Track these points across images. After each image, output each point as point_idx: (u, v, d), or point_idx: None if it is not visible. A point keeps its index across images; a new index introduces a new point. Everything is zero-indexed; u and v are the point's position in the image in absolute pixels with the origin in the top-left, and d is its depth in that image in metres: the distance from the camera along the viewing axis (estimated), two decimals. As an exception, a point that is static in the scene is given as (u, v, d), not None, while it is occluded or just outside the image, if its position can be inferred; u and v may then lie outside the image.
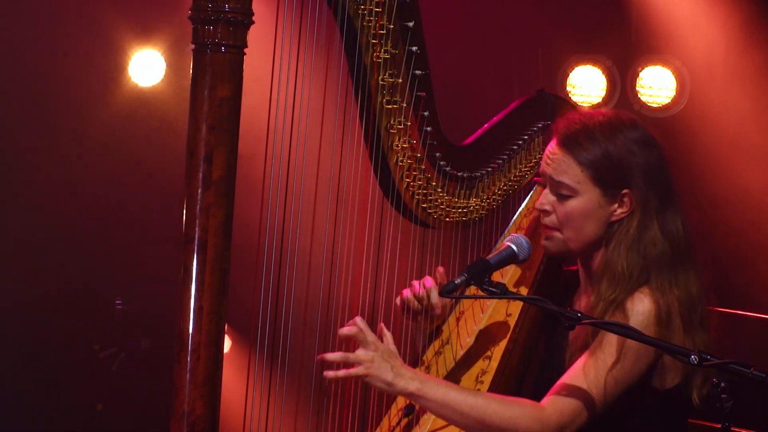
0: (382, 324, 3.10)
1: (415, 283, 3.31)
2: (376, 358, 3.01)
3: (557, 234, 3.21)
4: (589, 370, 3.05)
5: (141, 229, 6.28)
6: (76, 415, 6.24)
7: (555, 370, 3.20)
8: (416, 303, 3.30)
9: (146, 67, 6.29)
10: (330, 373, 3.01)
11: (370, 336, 3.04)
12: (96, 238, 6.25)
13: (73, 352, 6.23)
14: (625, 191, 3.17)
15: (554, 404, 3.03)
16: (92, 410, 6.26)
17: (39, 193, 6.17)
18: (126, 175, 6.31)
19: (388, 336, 3.11)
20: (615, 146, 3.16)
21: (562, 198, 3.19)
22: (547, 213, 3.21)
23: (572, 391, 3.04)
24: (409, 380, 3.02)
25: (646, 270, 3.13)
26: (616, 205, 3.18)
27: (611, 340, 3.04)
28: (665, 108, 6.39)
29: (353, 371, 3.01)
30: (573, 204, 3.18)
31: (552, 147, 3.21)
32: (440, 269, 3.31)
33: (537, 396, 3.21)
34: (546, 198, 3.21)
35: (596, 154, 3.16)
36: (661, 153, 3.21)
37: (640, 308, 3.09)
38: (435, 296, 3.29)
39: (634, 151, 3.16)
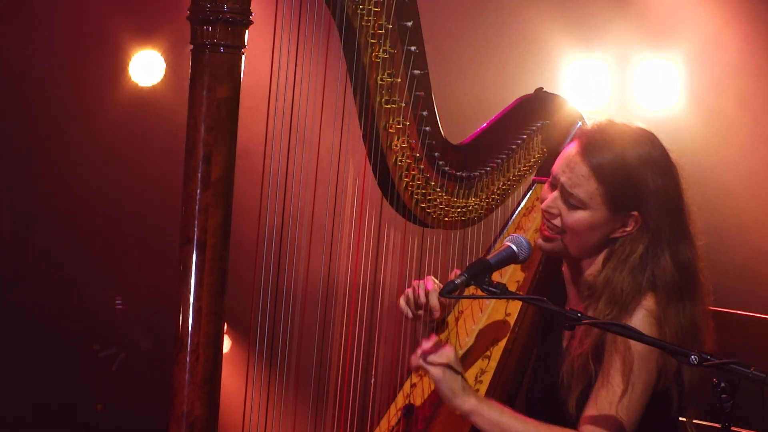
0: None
1: (415, 283, 3.31)
2: (454, 366, 3.07)
3: (557, 238, 3.21)
4: (614, 398, 3.04)
5: (141, 229, 6.28)
6: (76, 415, 6.24)
7: (549, 376, 3.20)
8: (413, 310, 3.31)
9: (146, 67, 6.29)
10: (418, 362, 3.06)
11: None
12: (96, 238, 6.26)
13: (73, 352, 6.24)
14: (634, 213, 3.15)
15: None
16: (92, 410, 6.26)
17: (39, 192, 6.18)
18: (126, 174, 6.31)
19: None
20: (635, 167, 3.13)
21: (570, 207, 3.17)
22: (552, 216, 3.20)
23: (604, 421, 3.03)
24: (471, 395, 3.07)
25: (652, 293, 3.13)
26: (621, 224, 3.17)
27: (618, 367, 3.05)
28: (665, 108, 6.39)
29: (432, 369, 3.06)
30: (580, 215, 3.17)
31: (572, 154, 3.18)
32: (457, 272, 3.30)
33: (529, 398, 3.22)
34: (555, 203, 3.19)
35: (615, 173, 3.13)
36: (679, 181, 3.18)
37: (640, 313, 3.10)
38: (434, 299, 3.29)
39: (653, 177, 3.14)
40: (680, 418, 3.23)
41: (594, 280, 3.18)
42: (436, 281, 3.31)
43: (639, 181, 3.14)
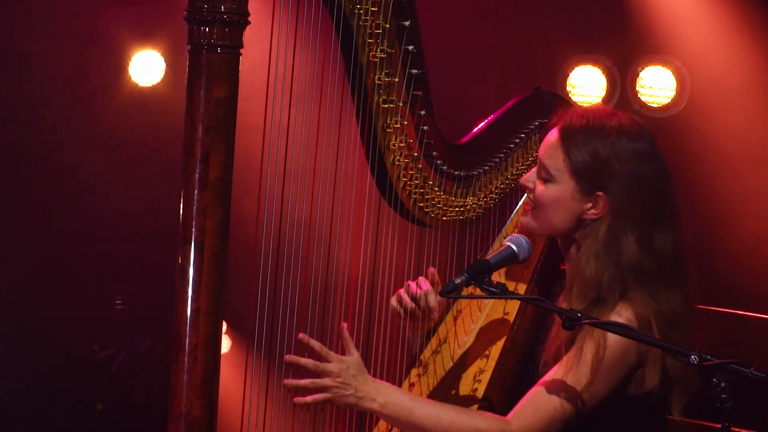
0: (344, 324, 3.07)
1: (410, 283, 3.31)
2: (339, 384, 3.01)
3: (532, 212, 3.21)
4: (561, 384, 3.03)
5: (141, 229, 6.28)
6: (76, 415, 6.24)
7: (535, 369, 3.20)
8: (412, 304, 3.30)
9: (146, 67, 6.29)
10: (299, 399, 3.01)
11: (332, 356, 3.03)
12: (96, 237, 6.25)
13: (73, 352, 6.23)
14: (599, 193, 3.15)
15: (521, 419, 3.03)
16: (92, 410, 6.26)
17: (38, 192, 6.17)
18: (126, 174, 6.31)
19: (348, 341, 3.07)
20: (605, 148, 3.13)
21: (542, 180, 3.19)
22: (529, 190, 3.23)
23: (541, 405, 3.03)
24: (371, 400, 3.03)
25: (621, 282, 3.09)
26: (590, 205, 3.16)
27: (587, 354, 3.03)
28: (665, 108, 6.39)
29: (319, 397, 3.02)
30: (548, 189, 3.18)
31: (553, 131, 3.22)
32: (432, 270, 3.31)
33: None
34: (531, 176, 3.22)
35: (582, 149, 3.14)
36: (662, 168, 3.17)
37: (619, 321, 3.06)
38: (432, 299, 3.30)
39: (625, 159, 3.13)
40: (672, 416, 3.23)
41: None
42: (427, 280, 3.32)
43: (608, 161, 3.13)
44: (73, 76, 6.16)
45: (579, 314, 2.88)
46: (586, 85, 6.48)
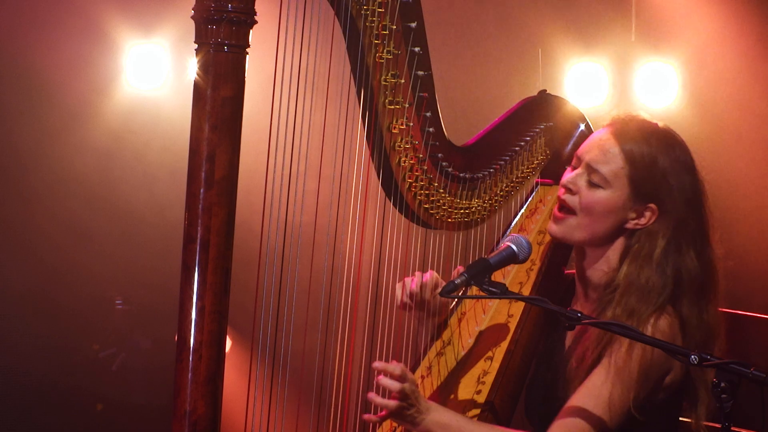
0: (398, 363, 3.08)
1: (418, 273, 3.31)
2: (407, 403, 3.02)
3: (570, 218, 3.20)
4: (596, 395, 3.03)
5: (141, 229, 6.28)
6: (76, 415, 6.23)
7: (550, 371, 3.20)
8: (405, 300, 3.29)
9: (146, 66, 6.28)
10: (369, 417, 3.05)
11: (409, 376, 3.03)
12: (96, 237, 6.25)
13: (73, 352, 6.23)
14: (651, 204, 3.15)
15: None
16: (92, 410, 6.26)
17: (39, 193, 6.17)
18: (126, 174, 6.30)
19: (408, 374, 3.07)
20: (664, 159, 3.14)
21: (591, 185, 3.17)
22: (571, 192, 3.19)
23: (580, 418, 3.02)
24: (426, 416, 3.03)
25: (671, 292, 3.11)
26: (635, 214, 3.16)
27: (627, 360, 3.03)
28: (665, 108, 6.39)
29: (386, 415, 3.04)
30: (601, 195, 3.16)
31: (603, 134, 3.19)
32: (461, 268, 3.30)
33: (528, 396, 3.21)
34: (576, 179, 3.19)
35: (644, 157, 3.13)
36: (704, 186, 3.20)
37: (663, 323, 3.08)
38: (427, 294, 3.29)
39: (680, 173, 3.14)
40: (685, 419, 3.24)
41: (609, 278, 3.17)
42: (437, 276, 3.31)
43: (666, 174, 3.13)
44: (73, 75, 6.15)
45: (579, 314, 2.88)
46: (586, 85, 6.49)
